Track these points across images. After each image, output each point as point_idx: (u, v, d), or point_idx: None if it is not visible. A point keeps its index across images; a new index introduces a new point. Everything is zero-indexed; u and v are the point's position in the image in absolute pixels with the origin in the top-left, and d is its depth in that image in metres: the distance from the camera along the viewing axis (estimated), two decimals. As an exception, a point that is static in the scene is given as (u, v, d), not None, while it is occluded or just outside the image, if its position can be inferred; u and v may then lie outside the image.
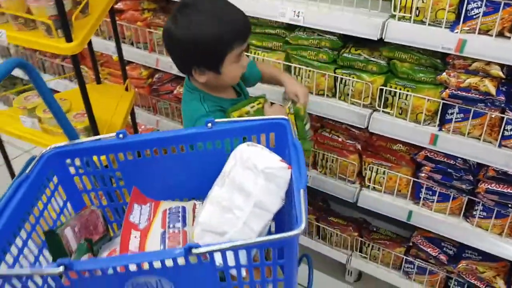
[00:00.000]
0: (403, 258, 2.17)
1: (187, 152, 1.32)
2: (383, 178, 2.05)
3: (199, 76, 1.49)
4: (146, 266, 0.94)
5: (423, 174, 1.92)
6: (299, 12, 1.81)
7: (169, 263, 0.94)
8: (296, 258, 1.00)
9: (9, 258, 1.08)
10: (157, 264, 0.93)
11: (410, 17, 1.64)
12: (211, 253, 0.93)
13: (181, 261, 0.94)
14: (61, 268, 0.89)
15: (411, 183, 1.98)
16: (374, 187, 2.10)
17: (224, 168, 1.16)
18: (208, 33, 1.39)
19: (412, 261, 2.14)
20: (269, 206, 1.06)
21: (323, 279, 2.47)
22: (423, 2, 1.60)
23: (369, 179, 2.09)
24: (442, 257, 2.04)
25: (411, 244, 2.17)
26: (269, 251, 1.00)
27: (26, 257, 1.14)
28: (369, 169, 2.07)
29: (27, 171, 1.21)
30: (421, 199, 1.97)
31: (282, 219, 1.20)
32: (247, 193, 1.06)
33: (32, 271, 0.91)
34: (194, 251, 0.89)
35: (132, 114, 2.56)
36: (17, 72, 3.25)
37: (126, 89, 2.46)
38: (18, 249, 1.12)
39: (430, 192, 1.95)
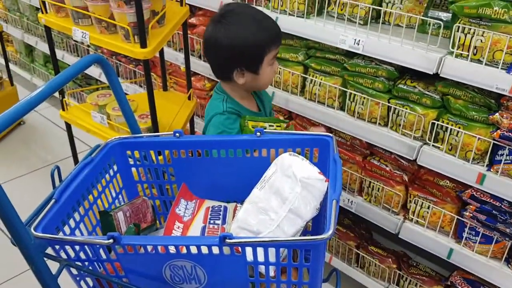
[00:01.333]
0: (439, 296, 2.14)
1: (235, 157, 1.41)
2: (427, 212, 2.04)
3: (238, 77, 1.67)
4: (184, 250, 1.02)
5: (467, 213, 1.91)
6: (359, 40, 1.88)
7: (204, 250, 1.02)
8: (322, 263, 1.05)
9: (66, 229, 1.21)
10: (193, 250, 1.02)
11: (468, 55, 1.67)
12: (243, 246, 1.00)
13: (215, 250, 1.02)
14: (111, 240, 1.00)
15: (454, 221, 1.97)
16: (417, 221, 2.09)
17: (265, 173, 1.23)
18: (249, 38, 1.59)
19: (448, 301, 2.11)
20: (303, 213, 1.12)
21: (357, 308, 2.46)
22: (481, 42, 1.63)
23: (413, 212, 2.09)
24: (480, 301, 2.01)
25: (449, 283, 2.13)
26: (297, 254, 1.06)
27: (81, 231, 1.26)
28: (414, 202, 2.08)
29: (92, 155, 1.34)
30: (464, 238, 1.95)
31: (318, 226, 1.26)
32: (283, 198, 1.13)
33: (85, 239, 1.02)
34: (228, 241, 0.97)
35: (192, 122, 2.70)
36: (93, 72, 3.51)
37: (189, 98, 2.61)
38: (75, 223, 1.24)
39: (473, 232, 1.93)
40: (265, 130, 1.38)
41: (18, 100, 4.28)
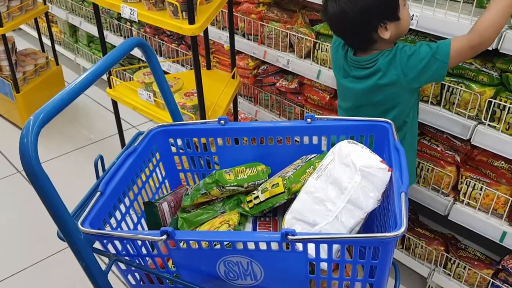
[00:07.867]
0: (489, 280, 2.07)
1: (283, 144, 1.34)
2: (480, 194, 1.96)
3: (384, 32, 1.58)
4: (240, 246, 0.98)
5: (524, 195, 1.82)
6: (413, 15, 1.78)
7: (262, 246, 0.97)
8: (390, 261, 1.00)
9: (112, 221, 1.17)
10: (251, 246, 0.97)
11: (531, 30, 1.56)
12: (305, 242, 0.94)
13: (274, 246, 0.97)
14: (164, 236, 0.95)
15: (509, 203, 1.88)
16: (468, 203, 2.01)
17: (321, 161, 1.17)
18: None
19: (499, 285, 2.03)
20: (363, 204, 1.06)
21: (401, 291, 2.42)
22: (547, 15, 1.51)
23: (464, 194, 2.01)
24: (533, 285, 1.93)
25: (500, 267, 2.06)
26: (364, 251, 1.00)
27: (127, 223, 1.23)
28: (466, 183, 1.99)
29: (135, 144, 1.30)
30: (519, 221, 1.87)
31: (372, 220, 1.20)
32: (342, 188, 1.07)
33: (137, 235, 0.99)
34: (290, 237, 0.91)
35: (235, 102, 2.66)
36: (136, 53, 3.50)
37: (233, 77, 2.57)
38: (121, 214, 1.21)
39: (529, 216, 1.84)
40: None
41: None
